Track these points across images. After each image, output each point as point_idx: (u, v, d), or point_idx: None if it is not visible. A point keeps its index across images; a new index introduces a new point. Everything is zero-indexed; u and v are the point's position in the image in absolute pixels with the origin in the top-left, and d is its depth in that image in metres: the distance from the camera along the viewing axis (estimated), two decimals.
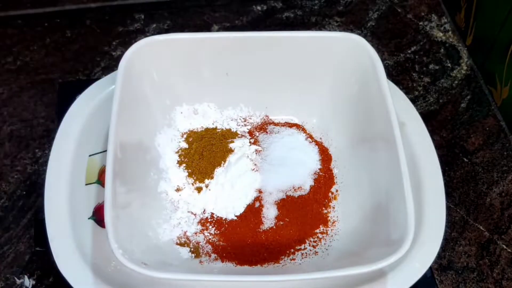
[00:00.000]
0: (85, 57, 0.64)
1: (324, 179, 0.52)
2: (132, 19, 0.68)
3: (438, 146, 0.52)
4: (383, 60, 0.48)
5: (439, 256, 0.47)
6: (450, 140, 0.59)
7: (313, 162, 0.52)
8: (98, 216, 0.47)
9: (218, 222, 0.49)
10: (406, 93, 0.55)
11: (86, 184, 0.49)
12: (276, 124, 0.55)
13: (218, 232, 0.48)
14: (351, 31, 0.67)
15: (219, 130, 0.54)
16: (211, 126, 0.55)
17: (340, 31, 0.67)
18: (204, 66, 0.52)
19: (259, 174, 0.51)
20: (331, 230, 0.49)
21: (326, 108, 0.54)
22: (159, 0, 0.70)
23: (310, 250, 0.47)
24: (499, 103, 0.61)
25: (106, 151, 0.43)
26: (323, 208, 0.50)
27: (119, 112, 0.44)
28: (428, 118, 0.59)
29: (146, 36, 0.53)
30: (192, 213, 0.49)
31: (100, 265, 0.44)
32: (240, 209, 0.49)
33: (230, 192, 0.50)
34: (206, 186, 0.50)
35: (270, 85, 0.53)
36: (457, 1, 0.67)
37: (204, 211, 0.50)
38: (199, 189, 0.50)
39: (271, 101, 0.55)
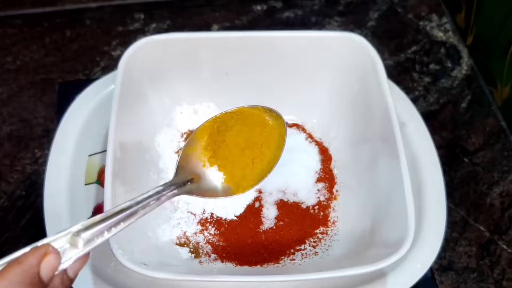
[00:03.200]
0: (84, 57, 0.64)
1: (324, 179, 0.51)
2: (132, 19, 0.68)
3: (438, 146, 0.52)
4: (383, 60, 0.48)
5: (439, 257, 0.47)
6: (450, 140, 0.59)
7: (313, 162, 0.52)
8: None
9: (218, 222, 0.49)
10: (407, 93, 0.55)
11: (86, 184, 0.49)
12: None
13: (218, 232, 0.48)
14: (351, 31, 0.67)
15: None
16: None
17: (340, 31, 0.67)
18: (204, 66, 0.52)
19: None
20: (331, 230, 0.49)
21: (326, 108, 0.54)
22: (159, 0, 0.70)
23: (310, 251, 0.47)
24: (500, 103, 0.61)
25: (105, 151, 0.43)
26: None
27: (118, 112, 0.44)
28: (428, 118, 0.59)
29: (146, 36, 0.53)
30: (191, 213, 0.49)
31: (100, 265, 0.44)
32: (240, 209, 0.49)
33: None
34: None
35: (270, 85, 0.53)
36: (458, 1, 0.67)
37: (204, 211, 0.49)
38: None
39: (271, 101, 0.55)
